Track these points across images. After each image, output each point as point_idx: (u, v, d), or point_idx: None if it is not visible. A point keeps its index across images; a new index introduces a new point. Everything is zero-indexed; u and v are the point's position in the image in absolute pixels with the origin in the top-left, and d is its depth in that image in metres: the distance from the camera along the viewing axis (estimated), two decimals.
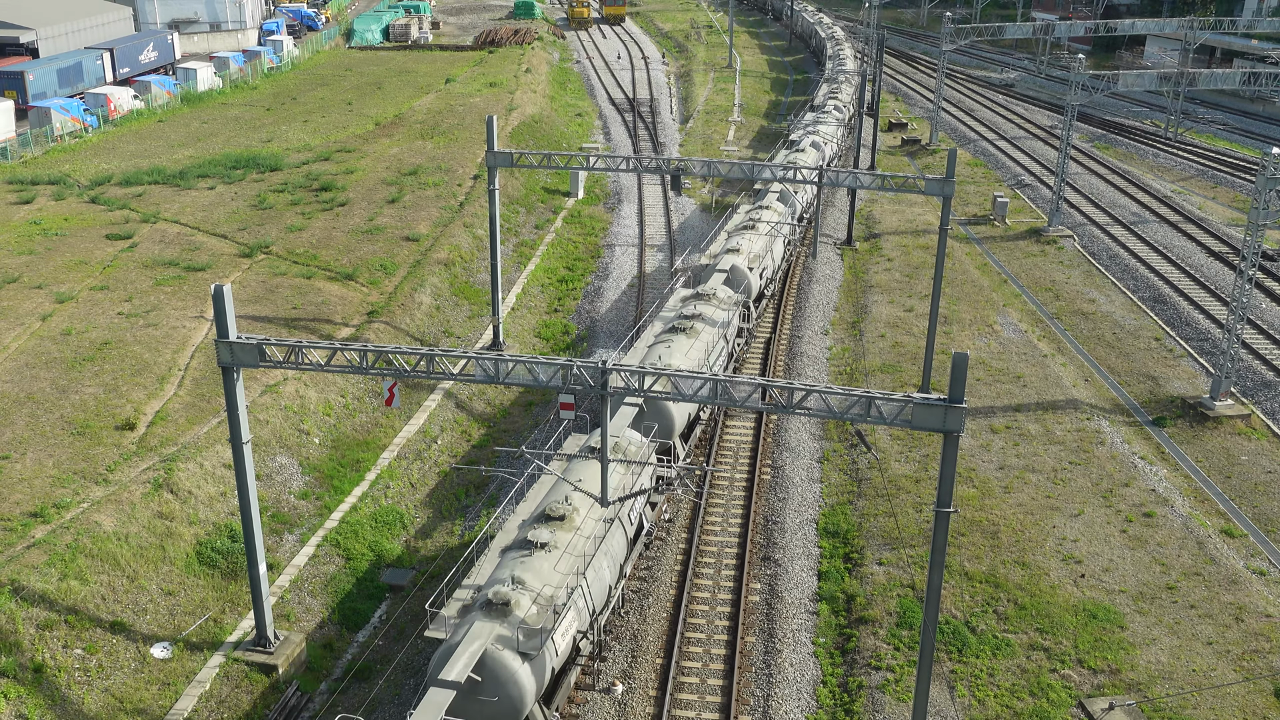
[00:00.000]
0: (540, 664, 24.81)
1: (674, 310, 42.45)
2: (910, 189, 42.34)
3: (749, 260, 47.45)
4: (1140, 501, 37.16)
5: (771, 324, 52.36)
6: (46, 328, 44.08)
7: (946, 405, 22.46)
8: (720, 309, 42.48)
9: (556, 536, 27.56)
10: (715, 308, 42.38)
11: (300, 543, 34.43)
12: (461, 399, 44.59)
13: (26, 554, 29.34)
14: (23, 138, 74.49)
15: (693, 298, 43.19)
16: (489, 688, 23.91)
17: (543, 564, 26.60)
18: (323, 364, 26.21)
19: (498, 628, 24.37)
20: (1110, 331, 51.43)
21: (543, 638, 24.52)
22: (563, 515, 28.35)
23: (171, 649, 29.01)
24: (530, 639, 24.27)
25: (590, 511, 29.25)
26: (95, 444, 35.77)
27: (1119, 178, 76.16)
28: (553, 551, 27.06)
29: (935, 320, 43.67)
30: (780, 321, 52.75)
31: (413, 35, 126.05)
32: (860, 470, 39.95)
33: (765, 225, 52.26)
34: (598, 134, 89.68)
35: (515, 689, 24.05)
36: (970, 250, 62.57)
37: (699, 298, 43.04)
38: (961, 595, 32.56)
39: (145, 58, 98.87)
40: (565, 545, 27.38)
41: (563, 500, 28.93)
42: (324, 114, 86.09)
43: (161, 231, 56.34)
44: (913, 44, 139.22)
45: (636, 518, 31.75)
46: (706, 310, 41.70)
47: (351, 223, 58.40)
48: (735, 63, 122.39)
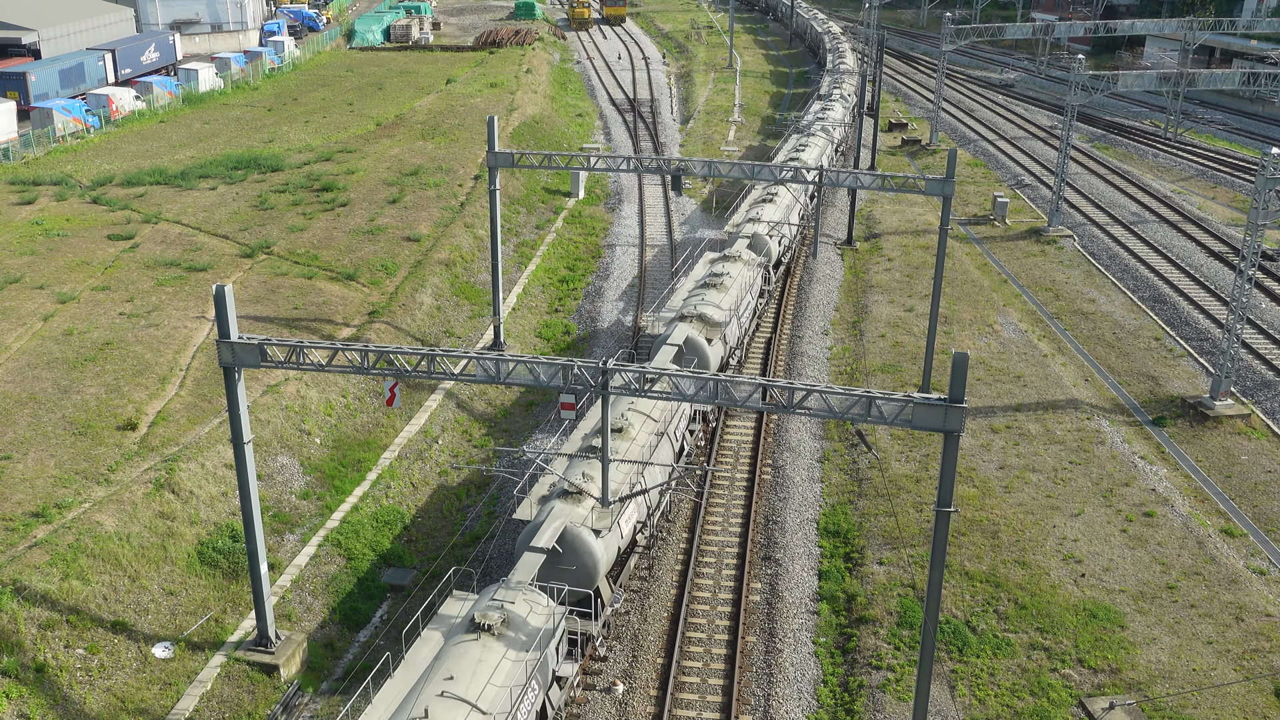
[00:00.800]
0: (609, 542, 29.13)
1: (705, 268, 47.23)
2: (910, 189, 42.39)
3: (769, 229, 52.25)
4: (1140, 501, 37.20)
5: (772, 324, 52.43)
6: (48, 328, 44.15)
7: (947, 405, 22.51)
8: (746, 267, 47.12)
9: (615, 444, 31.24)
10: (742, 265, 47.23)
11: (301, 543, 34.48)
12: (462, 399, 44.65)
13: (28, 554, 29.40)
14: (25, 138, 74.57)
15: (720, 259, 47.72)
16: (569, 558, 28.23)
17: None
18: (324, 364, 26.27)
19: (575, 509, 28.76)
20: (1110, 331, 51.48)
21: (612, 518, 29.00)
22: (621, 428, 32.59)
23: (173, 649, 29.06)
24: (601, 519, 28.69)
25: (644, 426, 33.33)
26: (97, 444, 35.83)
27: (1119, 178, 76.21)
28: (614, 455, 30.86)
29: (935, 320, 43.72)
30: (781, 321, 52.81)
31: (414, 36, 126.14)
32: (861, 470, 40.00)
33: (784, 198, 56.53)
34: (598, 134, 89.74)
35: (590, 559, 28.32)
36: (970, 250, 62.62)
37: (726, 259, 47.50)
38: (962, 595, 32.61)
39: (147, 58, 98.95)
40: (623, 452, 31.64)
41: (621, 416, 33.14)
42: (325, 114, 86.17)
43: (163, 232, 56.41)
44: (913, 44, 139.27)
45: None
46: (733, 269, 46.20)
47: (353, 223, 58.46)
48: (735, 63, 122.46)
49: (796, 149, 65.12)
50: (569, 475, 30.13)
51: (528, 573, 26.67)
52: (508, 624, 24.43)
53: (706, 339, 39.49)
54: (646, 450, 32.71)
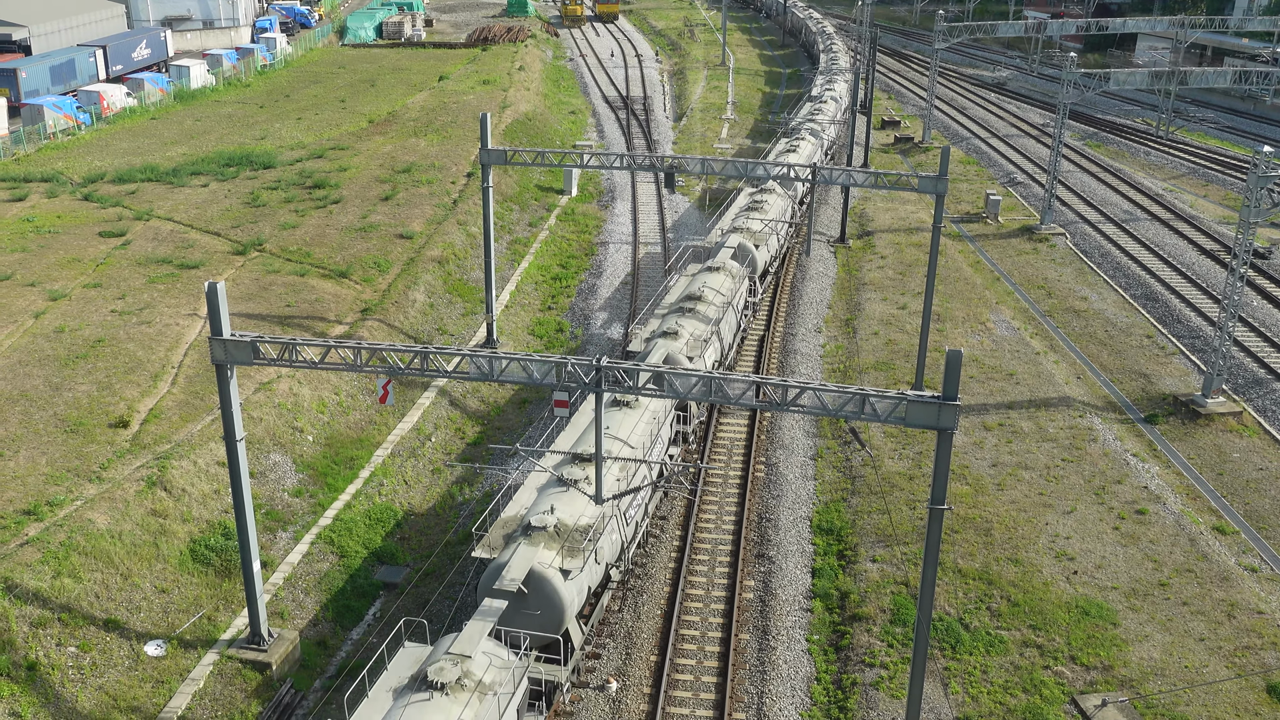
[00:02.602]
0: (580, 582, 27.29)
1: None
2: (903, 187, 42.42)
3: (757, 235, 52.51)
4: (1132, 499, 37.29)
5: (765, 321, 52.44)
6: (39, 325, 43.98)
7: (940, 403, 22.53)
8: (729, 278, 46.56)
9: (589, 473, 29.56)
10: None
11: (294, 540, 34.40)
12: (455, 397, 44.59)
13: (20, 551, 29.29)
14: (15, 135, 74.27)
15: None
16: (535, 601, 26.31)
17: (576, 499, 28.79)
18: (316, 361, 26.21)
19: (541, 549, 26.80)
20: (1102, 329, 51.59)
21: (583, 559, 26.96)
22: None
23: (165, 647, 28.98)
24: (571, 558, 26.77)
25: (620, 452, 30.77)
26: (89, 441, 35.71)
27: (1111, 176, 76.37)
28: (581, 490, 28.77)
29: (928, 318, 43.77)
30: (774, 319, 52.82)
31: (406, 33, 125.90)
32: (854, 467, 40.04)
33: (773, 207, 56.64)
34: (591, 132, 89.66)
35: (558, 601, 26.46)
36: (963, 248, 62.71)
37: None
38: (955, 592, 32.66)
39: (138, 55, 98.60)
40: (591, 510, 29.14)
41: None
42: (317, 111, 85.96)
43: (155, 229, 56.23)
44: (905, 42, 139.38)
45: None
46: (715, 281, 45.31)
47: (345, 220, 58.33)
48: (729, 61, 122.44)
49: (786, 151, 64.49)
50: (532, 514, 27.71)
51: (488, 620, 24.38)
52: (463, 682, 22.32)
53: (688, 357, 38.06)
54: (624, 478, 30.82)
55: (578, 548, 26.58)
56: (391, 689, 23.02)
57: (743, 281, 46.26)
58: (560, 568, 26.49)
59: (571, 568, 26.56)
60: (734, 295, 44.48)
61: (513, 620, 26.21)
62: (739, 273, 46.22)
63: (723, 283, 44.25)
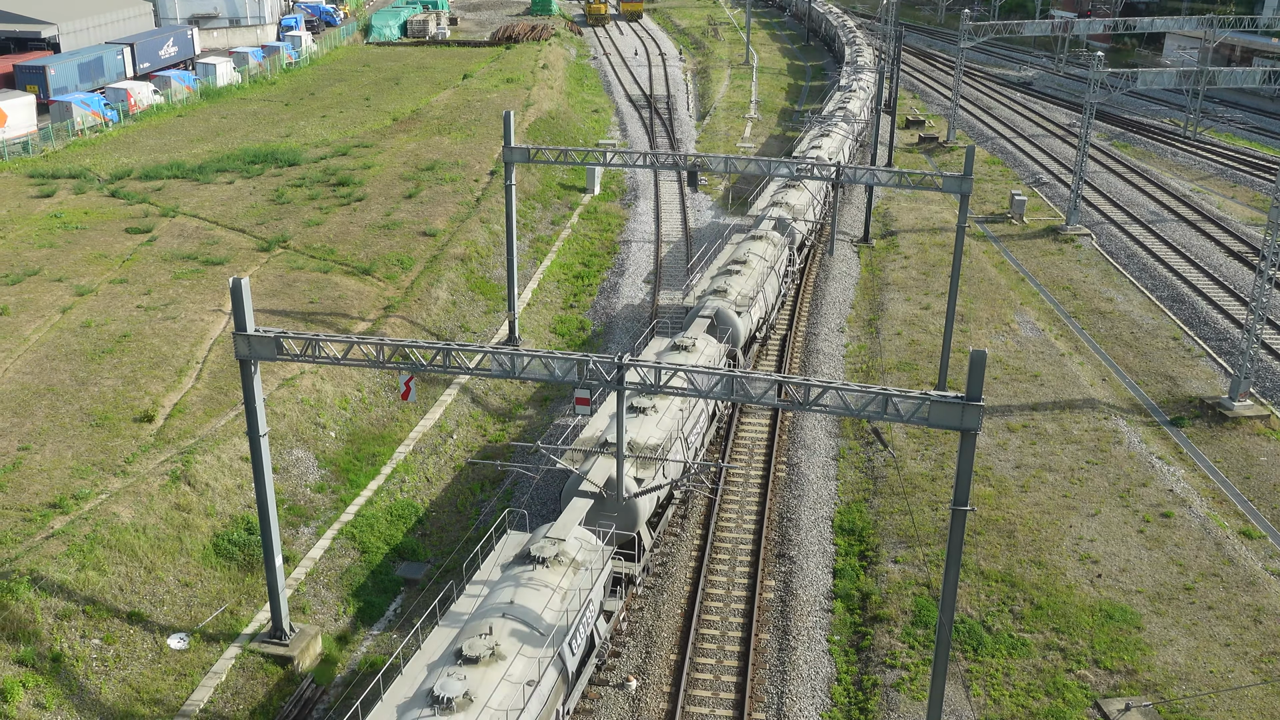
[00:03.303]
0: (648, 499, 31.56)
1: (733, 244, 51.30)
2: (928, 186, 42.20)
3: (792, 213, 55.21)
4: (1158, 502, 36.97)
5: (788, 321, 52.28)
6: (66, 320, 44.36)
7: (964, 403, 22.39)
8: (773, 245, 50.25)
9: (655, 402, 34.44)
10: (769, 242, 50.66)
11: (316, 536, 34.56)
12: (477, 394, 44.67)
13: (45, 544, 29.54)
14: (44, 132, 74.95)
15: (748, 239, 50.73)
16: (613, 506, 30.26)
17: (646, 422, 33.42)
18: (339, 357, 26.30)
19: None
20: (1128, 331, 51.16)
21: (653, 471, 31.35)
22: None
23: (188, 640, 29.16)
24: (643, 470, 30.92)
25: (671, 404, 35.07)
26: (114, 436, 35.98)
27: (1137, 176, 75.74)
28: (651, 415, 33.57)
29: (952, 318, 43.53)
30: (796, 319, 52.66)
31: (430, 31, 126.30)
32: (876, 468, 39.86)
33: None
34: (614, 130, 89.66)
35: (632, 507, 30.67)
36: (988, 248, 62.34)
37: (754, 238, 50.80)
38: (977, 594, 32.47)
39: (165, 53, 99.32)
40: (662, 410, 33.85)
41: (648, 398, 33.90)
42: (342, 109, 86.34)
43: (180, 225, 56.62)
44: (930, 41, 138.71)
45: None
46: (757, 246, 49.22)
47: (369, 218, 58.56)
48: (752, 59, 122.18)
49: (819, 136, 66.25)
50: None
51: (576, 515, 27.92)
52: (559, 558, 26.10)
53: None
54: (681, 414, 34.55)
55: (648, 463, 29.46)
56: (499, 565, 27.01)
57: (783, 250, 50.68)
58: (634, 477, 30.22)
59: (644, 478, 30.30)
60: (776, 260, 49.01)
61: (595, 521, 30.25)
62: (780, 241, 50.64)
63: (765, 249, 48.68)
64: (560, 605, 25.44)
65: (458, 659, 23.03)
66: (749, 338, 43.93)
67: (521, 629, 23.92)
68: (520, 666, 23.17)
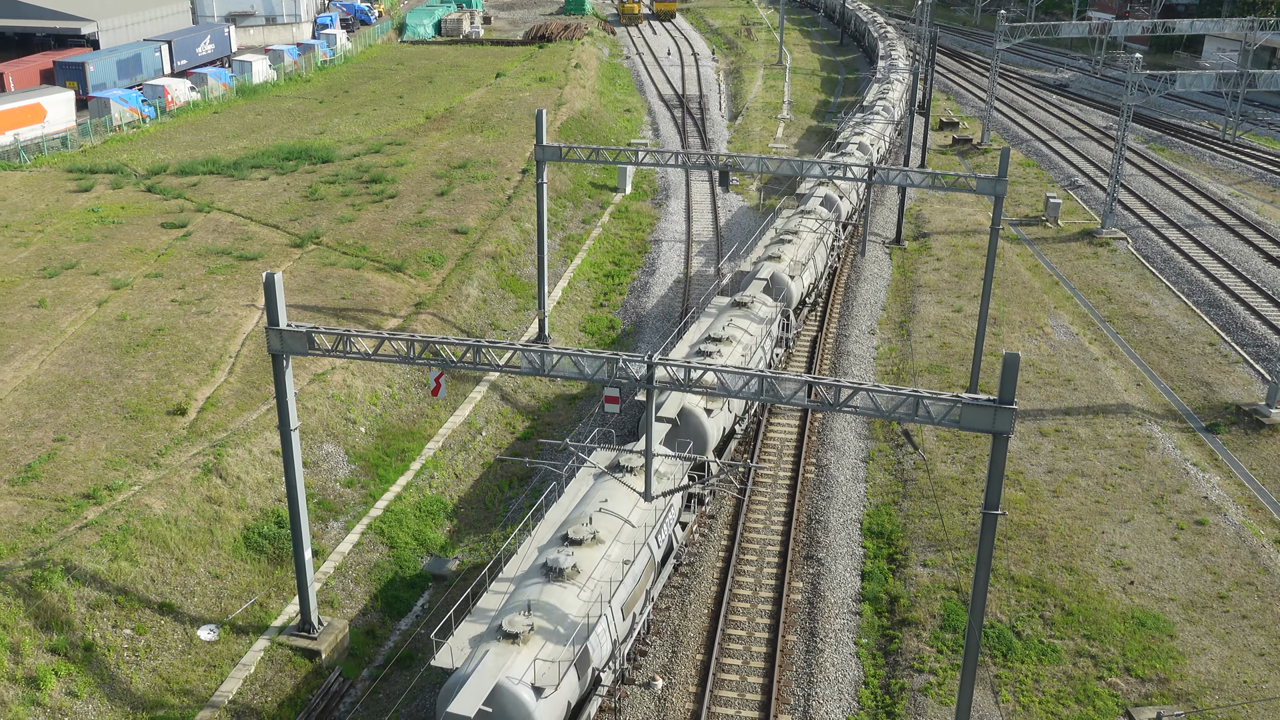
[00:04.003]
0: (717, 422, 35.58)
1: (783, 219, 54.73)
2: (961, 188, 41.88)
3: (839, 191, 58.71)
4: (1192, 509, 36.51)
5: (818, 322, 52.07)
6: (102, 313, 44.85)
7: (996, 406, 22.19)
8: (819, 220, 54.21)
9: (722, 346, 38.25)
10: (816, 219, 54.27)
11: (345, 530, 34.75)
12: (506, 391, 44.77)
13: (79, 534, 29.87)
14: (82, 127, 75.84)
15: (797, 214, 54.56)
16: (686, 431, 34.71)
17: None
18: (370, 353, 26.42)
19: (688, 396, 34.37)
20: (1164, 336, 50.56)
21: (721, 406, 35.85)
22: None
23: (218, 631, 29.40)
24: (713, 402, 35.01)
25: (744, 336, 38.96)
26: (147, 428, 36.34)
27: (1175, 180, 74.86)
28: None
29: (984, 321, 43.19)
30: (827, 320, 52.43)
31: (464, 30, 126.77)
32: (906, 471, 39.61)
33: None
34: (646, 130, 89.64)
35: (702, 435, 34.77)
36: (1021, 251, 61.81)
37: (804, 213, 54.61)
38: (1007, 599, 32.18)
39: (202, 50, 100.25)
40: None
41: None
42: (375, 107, 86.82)
43: (215, 221, 57.12)
44: (965, 42, 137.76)
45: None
46: (807, 220, 53.37)
47: (401, 215, 58.84)
48: (785, 60, 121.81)
49: (860, 125, 68.42)
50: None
51: (657, 437, 29.59)
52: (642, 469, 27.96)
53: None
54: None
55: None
56: (592, 473, 30.75)
57: (830, 224, 54.20)
58: (705, 408, 34.10)
59: (713, 408, 34.09)
60: (824, 233, 52.66)
61: (671, 445, 33.80)
62: (827, 216, 54.32)
63: (814, 223, 52.46)
64: (645, 511, 29.48)
65: (564, 542, 27.34)
66: (800, 300, 47.93)
67: (616, 521, 28.32)
68: (617, 550, 27.61)
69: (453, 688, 23.22)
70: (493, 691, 22.83)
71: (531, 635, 24.19)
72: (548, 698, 23.41)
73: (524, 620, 24.30)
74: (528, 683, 23.20)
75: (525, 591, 25.80)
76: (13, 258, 51.06)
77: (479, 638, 24.76)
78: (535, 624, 24.38)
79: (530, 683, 23.23)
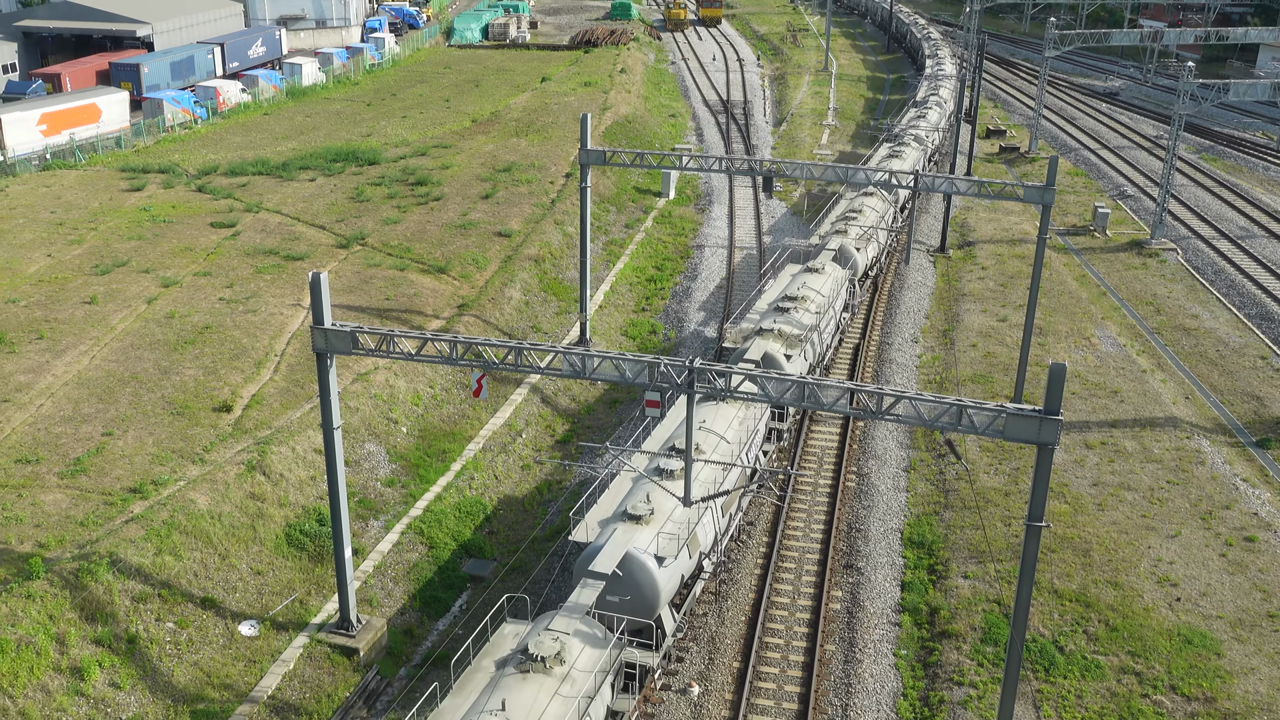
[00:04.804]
0: (673, 570, 28.70)
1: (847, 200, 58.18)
2: (1008, 196, 41.45)
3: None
4: (1241, 525, 35.83)
5: (861, 329, 51.74)
6: (151, 310, 45.52)
7: (1041, 416, 21.91)
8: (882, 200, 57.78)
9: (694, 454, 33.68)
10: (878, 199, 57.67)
11: (385, 529, 34.98)
12: (547, 394, 44.88)
13: (125, 528, 30.30)
14: (136, 128, 77.11)
15: (861, 195, 57.75)
16: (629, 585, 27.84)
17: (668, 499, 31.43)
18: (413, 353, 26.58)
19: (637, 533, 28.43)
20: (1213, 348, 49.71)
21: (677, 545, 28.98)
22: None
23: (259, 627, 29.68)
24: (666, 545, 28.55)
25: (716, 447, 34.00)
26: (193, 424, 36.81)
27: (1227, 190, 73.62)
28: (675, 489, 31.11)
29: (1030, 331, 42.69)
30: (870, 327, 52.08)
31: (511, 34, 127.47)
32: (948, 481, 39.22)
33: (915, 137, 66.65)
34: (690, 135, 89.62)
35: (652, 587, 27.80)
36: (1068, 261, 61.05)
37: (867, 194, 57.88)
38: (1050, 613, 31.75)
39: (254, 53, 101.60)
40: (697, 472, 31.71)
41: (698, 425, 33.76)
42: (422, 110, 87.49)
43: (263, 221, 57.81)
44: (1013, 50, 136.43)
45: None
46: (870, 200, 56.94)
47: (445, 217, 59.22)
48: (831, 66, 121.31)
49: (889, 156, 64.48)
50: (629, 502, 29.29)
51: (584, 602, 25.81)
52: (561, 657, 23.57)
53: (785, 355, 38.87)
54: (718, 475, 31.81)
55: (673, 535, 28.75)
56: (494, 660, 24.47)
57: (890, 205, 57.87)
58: (656, 554, 27.97)
59: (665, 554, 28.09)
60: (885, 213, 55.86)
61: (608, 602, 27.82)
62: (888, 198, 58.21)
63: (876, 203, 56.38)
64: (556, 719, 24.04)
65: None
66: (864, 272, 51.26)
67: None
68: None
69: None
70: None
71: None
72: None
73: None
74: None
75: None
76: (67, 255, 51.99)
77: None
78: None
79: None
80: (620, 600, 27.56)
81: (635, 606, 27.57)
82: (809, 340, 40.03)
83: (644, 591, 27.44)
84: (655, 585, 27.39)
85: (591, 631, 24.99)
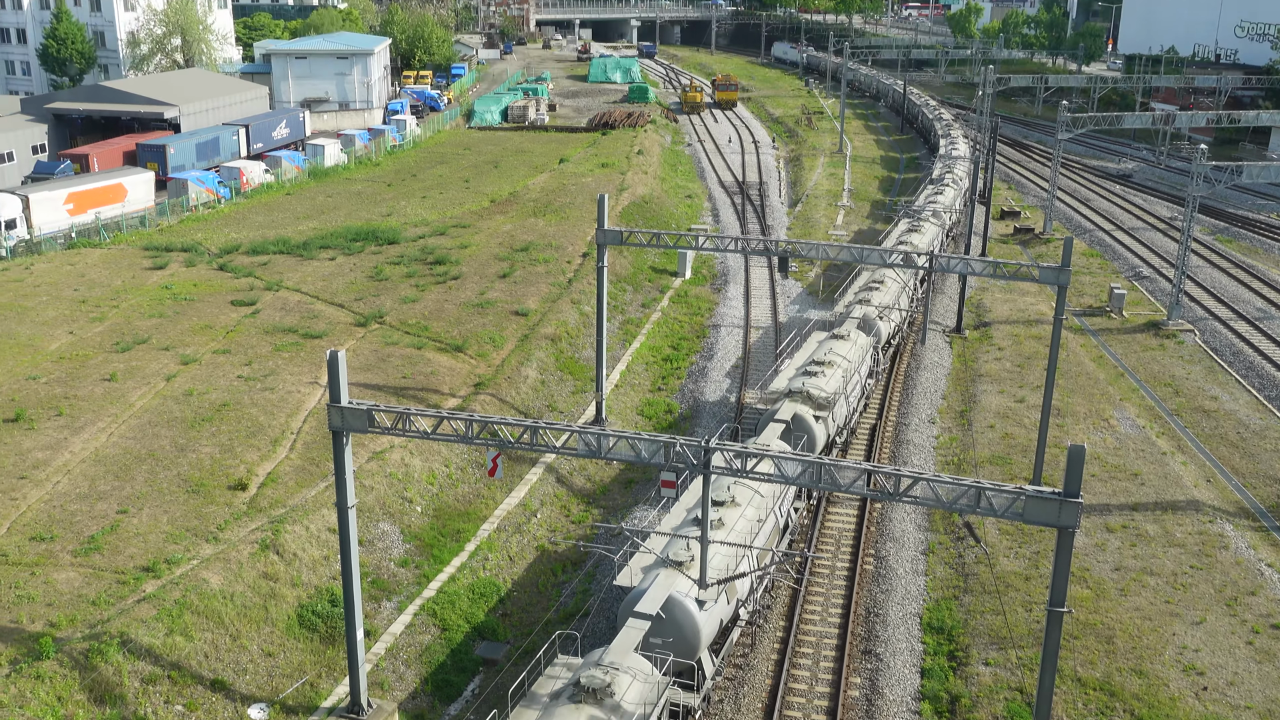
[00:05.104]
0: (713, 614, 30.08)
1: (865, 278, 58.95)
2: (1024, 277, 41.56)
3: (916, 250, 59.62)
4: (1268, 612, 35.15)
5: (877, 410, 51.57)
6: (170, 388, 45.80)
7: (1061, 499, 21.69)
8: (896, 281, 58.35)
9: (721, 514, 32.99)
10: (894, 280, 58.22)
11: (398, 610, 34.66)
12: (562, 474, 44.73)
13: (136, 607, 30.12)
14: (160, 207, 78.43)
15: (882, 266, 56.54)
16: (671, 628, 28.76)
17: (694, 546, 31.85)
18: (429, 432, 26.60)
19: (678, 579, 29.71)
20: (1234, 431, 49.28)
21: (717, 590, 30.39)
22: (724, 501, 33.51)
23: (268, 711, 29.29)
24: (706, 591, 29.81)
25: (750, 500, 34.39)
26: (208, 502, 36.78)
27: (1243, 272, 73.65)
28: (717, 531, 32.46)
29: (1048, 412, 42.46)
30: (886, 408, 51.90)
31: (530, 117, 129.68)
32: (967, 564, 38.71)
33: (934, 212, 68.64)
34: (707, 215, 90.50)
35: (693, 630, 29.12)
36: (1085, 342, 60.95)
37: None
38: (1074, 702, 31.06)
39: (278, 134, 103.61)
40: (729, 525, 32.43)
41: (726, 489, 33.85)
42: (442, 190, 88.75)
43: (283, 299, 58.38)
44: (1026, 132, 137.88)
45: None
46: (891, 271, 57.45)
47: (463, 296, 59.69)
48: (845, 148, 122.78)
49: (909, 230, 65.48)
50: (670, 549, 30.70)
51: (631, 640, 27.10)
52: (611, 690, 25.01)
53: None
54: (751, 527, 33.24)
55: (709, 582, 29.40)
56: (546, 694, 26.18)
57: (911, 276, 59.15)
58: (696, 598, 29.39)
59: (705, 599, 29.49)
60: (906, 283, 58.23)
61: (651, 645, 28.77)
62: (909, 271, 58.14)
63: (898, 274, 57.87)
64: None
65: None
66: (887, 340, 52.52)
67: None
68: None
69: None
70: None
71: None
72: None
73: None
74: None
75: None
76: (88, 332, 52.53)
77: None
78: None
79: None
80: (664, 641, 28.48)
81: (678, 648, 28.70)
82: (837, 403, 41.70)
83: (686, 634, 28.71)
84: (696, 627, 28.71)
85: (638, 668, 26.20)
